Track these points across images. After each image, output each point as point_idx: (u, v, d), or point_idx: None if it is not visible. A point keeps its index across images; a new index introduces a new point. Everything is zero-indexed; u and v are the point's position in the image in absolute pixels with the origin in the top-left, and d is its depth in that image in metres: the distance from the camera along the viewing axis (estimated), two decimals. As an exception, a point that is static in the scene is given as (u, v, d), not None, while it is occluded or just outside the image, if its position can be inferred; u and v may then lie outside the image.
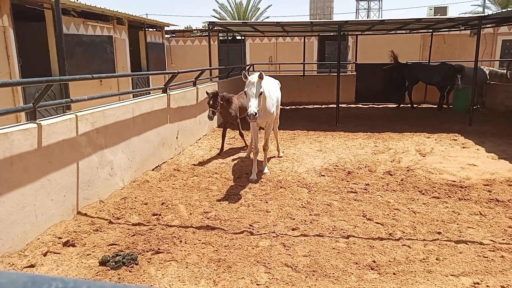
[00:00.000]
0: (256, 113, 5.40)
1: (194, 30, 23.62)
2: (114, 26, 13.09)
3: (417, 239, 4.07)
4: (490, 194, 5.33)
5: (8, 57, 8.69)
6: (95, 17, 12.08)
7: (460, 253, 3.75)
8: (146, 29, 15.76)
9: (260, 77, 5.61)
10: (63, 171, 4.41)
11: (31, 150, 3.95)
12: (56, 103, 5.36)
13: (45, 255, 3.76)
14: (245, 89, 5.66)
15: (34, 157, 4.00)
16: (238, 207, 5.00)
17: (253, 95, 5.48)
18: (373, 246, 3.91)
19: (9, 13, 8.65)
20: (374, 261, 3.61)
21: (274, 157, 7.50)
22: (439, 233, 4.20)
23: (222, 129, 8.13)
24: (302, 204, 5.05)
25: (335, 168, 6.64)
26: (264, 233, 4.24)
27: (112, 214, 4.74)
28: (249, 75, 5.83)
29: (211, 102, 7.05)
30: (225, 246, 3.96)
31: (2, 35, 8.50)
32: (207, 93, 7.23)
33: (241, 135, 8.09)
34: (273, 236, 4.15)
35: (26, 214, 3.89)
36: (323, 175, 6.29)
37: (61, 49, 5.58)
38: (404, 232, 4.23)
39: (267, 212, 4.83)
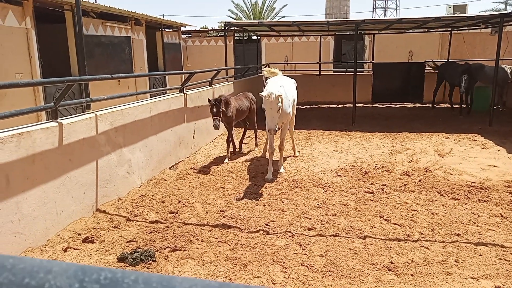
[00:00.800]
0: (276, 130, 5.78)
1: (210, 30, 23.75)
2: (132, 27, 13.28)
3: (435, 241, 4.01)
4: (511, 196, 5.21)
5: (30, 57, 8.92)
6: (113, 18, 12.28)
7: (480, 255, 3.68)
8: (163, 29, 15.93)
9: (279, 95, 5.74)
10: (83, 169, 4.51)
11: (52, 148, 4.05)
12: (77, 103, 5.48)
13: (65, 250, 3.85)
14: (264, 106, 5.91)
15: (55, 155, 4.10)
16: (254, 206, 5.01)
17: (272, 112, 5.70)
18: (391, 247, 3.87)
19: (32, 15, 8.88)
20: (391, 262, 3.58)
21: (290, 156, 7.49)
22: (458, 235, 4.13)
23: (235, 129, 7.84)
24: (318, 204, 5.04)
25: (351, 168, 6.59)
26: (280, 233, 4.24)
27: (130, 211, 4.82)
28: (267, 82, 6.00)
29: (214, 110, 6.53)
30: (241, 244, 3.98)
31: (24, 36, 8.73)
32: (209, 100, 6.71)
33: (232, 140, 7.52)
34: (289, 236, 4.15)
35: (47, 210, 3.99)
36: (339, 175, 6.25)
37: (81, 50, 5.70)
38: (422, 234, 4.17)
39: (283, 211, 4.83)
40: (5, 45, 8.20)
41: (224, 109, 6.75)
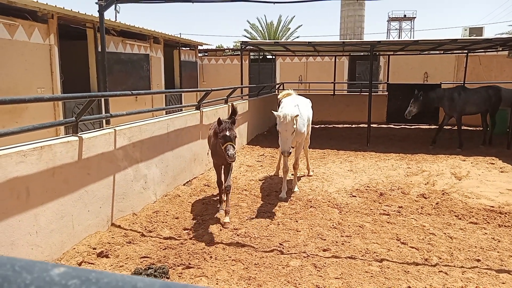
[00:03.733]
0: (290, 152, 5.64)
1: (226, 49, 24.15)
2: (151, 45, 13.59)
3: (454, 266, 3.91)
4: (533, 222, 5.06)
5: (52, 73, 9.17)
6: (133, 36, 12.60)
7: (503, 283, 3.56)
8: (180, 48, 16.25)
9: (295, 116, 5.70)
10: (100, 183, 4.56)
11: (71, 162, 4.12)
12: (97, 117, 5.60)
13: (80, 265, 3.86)
14: (278, 128, 5.80)
15: (74, 168, 4.16)
16: (268, 225, 4.97)
17: (287, 134, 5.63)
18: (408, 271, 3.78)
19: (56, 32, 9.18)
20: (409, 287, 3.49)
21: (304, 176, 7.45)
22: (478, 260, 4.02)
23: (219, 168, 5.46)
24: (333, 225, 4.97)
25: (366, 189, 6.51)
26: (295, 253, 4.19)
27: (145, 227, 4.83)
28: (282, 102, 5.93)
29: (228, 134, 4.70)
30: (255, 264, 3.94)
31: (48, 52, 9.01)
32: (220, 122, 4.82)
33: (220, 185, 5.44)
34: (304, 256, 4.10)
35: (64, 224, 4.03)
36: (354, 196, 6.19)
37: (103, 67, 5.86)
38: (440, 258, 4.07)
39: (297, 231, 4.78)
40: (29, 61, 8.47)
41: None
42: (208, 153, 7.75)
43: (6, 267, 0.38)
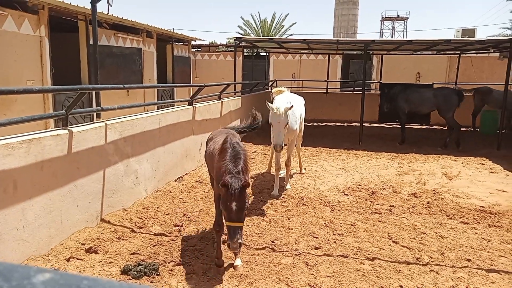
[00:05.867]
0: (282, 146, 5.65)
1: (220, 45, 24.00)
2: (143, 39, 13.44)
3: (445, 265, 3.92)
4: (522, 223, 5.10)
5: (42, 65, 9.01)
6: (126, 29, 12.44)
7: (493, 283, 3.58)
8: (174, 42, 16.10)
9: (289, 108, 5.71)
10: (90, 177, 4.48)
11: (61, 156, 4.04)
12: (88, 111, 5.50)
13: (68, 260, 3.79)
14: (270, 120, 5.83)
15: (64, 162, 4.08)
16: (260, 223, 4.94)
17: (279, 126, 5.64)
18: (400, 270, 3.78)
19: (46, 24, 9.01)
20: (401, 286, 3.49)
21: (296, 173, 7.43)
22: (469, 260, 4.04)
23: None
24: (325, 223, 4.96)
25: (358, 188, 6.52)
26: (286, 251, 4.16)
27: (135, 223, 4.76)
28: (275, 99, 5.94)
29: (234, 207, 3.23)
30: (246, 261, 3.90)
31: (38, 44, 8.84)
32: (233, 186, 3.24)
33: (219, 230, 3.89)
34: (296, 254, 4.08)
35: (52, 218, 3.95)
36: (346, 194, 6.18)
37: (94, 60, 5.75)
38: (431, 257, 4.08)
39: (289, 229, 4.76)
40: (19, 52, 8.30)
41: None
42: (200, 149, 7.69)
43: None
